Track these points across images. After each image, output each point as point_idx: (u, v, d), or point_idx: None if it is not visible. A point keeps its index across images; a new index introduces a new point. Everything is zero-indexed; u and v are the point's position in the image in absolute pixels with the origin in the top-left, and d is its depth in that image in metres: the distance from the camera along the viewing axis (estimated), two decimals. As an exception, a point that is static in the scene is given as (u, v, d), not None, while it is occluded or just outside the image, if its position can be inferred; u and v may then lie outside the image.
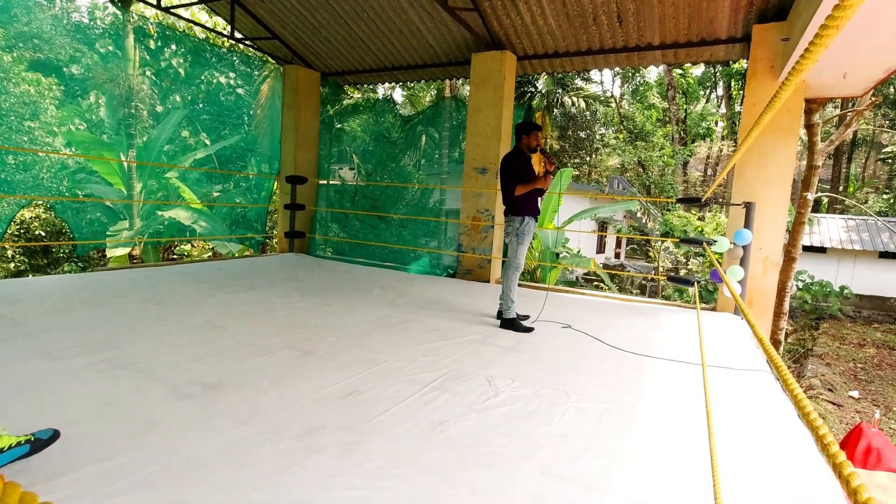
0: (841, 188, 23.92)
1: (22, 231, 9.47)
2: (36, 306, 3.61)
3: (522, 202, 3.95)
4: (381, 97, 12.72)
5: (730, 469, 1.89)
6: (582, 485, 1.77)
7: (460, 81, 17.45)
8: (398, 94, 22.41)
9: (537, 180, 3.90)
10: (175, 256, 11.99)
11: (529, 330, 3.86)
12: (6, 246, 9.07)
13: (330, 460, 1.83)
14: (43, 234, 9.92)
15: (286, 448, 1.88)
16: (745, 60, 5.37)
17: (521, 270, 3.99)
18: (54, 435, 1.75)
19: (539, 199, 4.06)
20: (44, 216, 9.88)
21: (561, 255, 10.84)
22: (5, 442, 1.63)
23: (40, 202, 8.45)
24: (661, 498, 1.73)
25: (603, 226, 19.21)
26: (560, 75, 20.36)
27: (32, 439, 1.69)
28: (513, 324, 3.91)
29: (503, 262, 5.44)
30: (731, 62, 5.95)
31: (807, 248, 16.51)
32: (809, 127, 7.33)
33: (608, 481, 1.80)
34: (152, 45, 6.45)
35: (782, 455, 2.08)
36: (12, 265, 9.48)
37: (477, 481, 1.76)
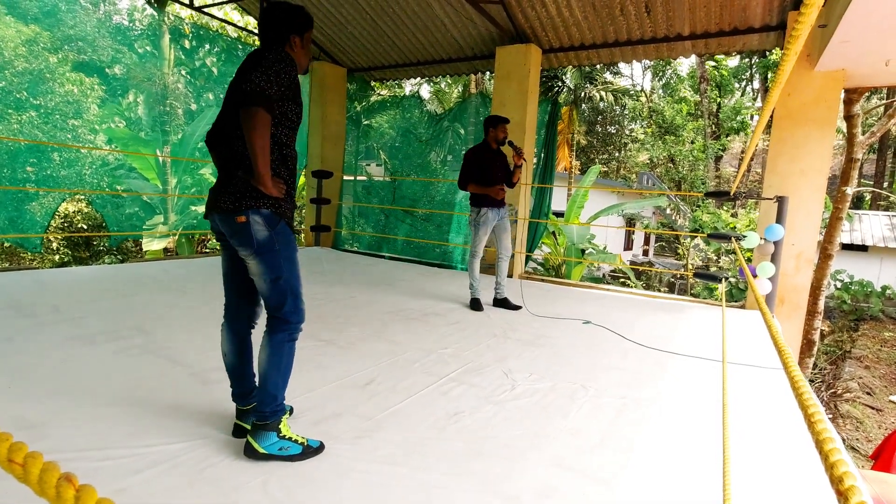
0: (885, 183, 22.77)
1: (66, 224, 9.93)
2: (76, 294, 3.79)
3: (481, 194, 4.19)
4: (407, 93, 12.78)
5: (742, 468, 1.86)
6: (592, 478, 1.77)
7: (486, 77, 17.36)
8: (425, 91, 22.42)
9: (491, 188, 4.11)
10: (207, 250, 12.34)
11: (480, 309, 4.27)
12: (51, 238, 9.52)
13: (345, 446, 1.88)
14: (85, 227, 10.36)
15: (303, 433, 1.93)
16: (779, 49, 5.18)
17: (478, 258, 4.34)
18: (320, 447, 1.82)
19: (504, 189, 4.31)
20: (86, 210, 10.31)
21: (587, 252, 10.70)
22: (289, 433, 1.76)
23: (82, 197, 8.83)
24: (671, 493, 1.72)
25: (631, 223, 18.85)
26: (588, 69, 20.00)
27: (306, 443, 1.77)
28: (475, 304, 4.32)
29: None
30: (766, 52, 5.75)
31: (847, 247, 15.81)
32: (849, 118, 7.02)
33: (619, 475, 1.80)
34: (187, 44, 6.65)
35: (796, 456, 2.03)
36: (57, 257, 9.94)
37: (487, 471, 1.78)
